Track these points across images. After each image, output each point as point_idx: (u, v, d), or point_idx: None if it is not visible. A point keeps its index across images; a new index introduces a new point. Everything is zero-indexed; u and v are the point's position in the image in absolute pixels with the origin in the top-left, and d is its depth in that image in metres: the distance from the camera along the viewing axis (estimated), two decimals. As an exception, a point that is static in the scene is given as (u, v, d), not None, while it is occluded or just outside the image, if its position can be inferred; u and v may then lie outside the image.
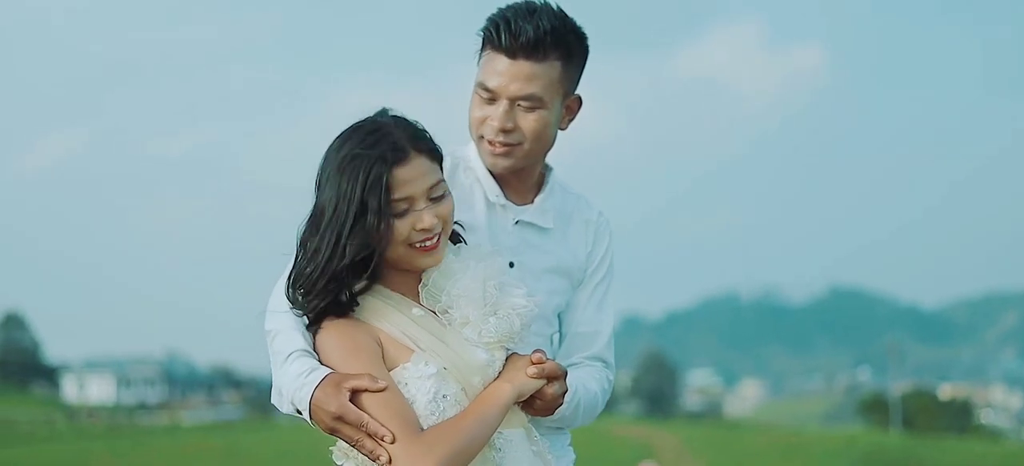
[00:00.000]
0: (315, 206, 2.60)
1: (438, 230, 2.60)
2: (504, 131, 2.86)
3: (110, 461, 37.58)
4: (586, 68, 2.98)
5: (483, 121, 2.88)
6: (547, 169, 3.09)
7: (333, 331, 2.59)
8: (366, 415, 2.47)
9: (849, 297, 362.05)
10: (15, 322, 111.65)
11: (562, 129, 2.98)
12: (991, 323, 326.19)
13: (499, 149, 2.89)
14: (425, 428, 2.51)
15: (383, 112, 2.64)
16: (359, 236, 2.53)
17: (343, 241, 2.53)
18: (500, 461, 2.59)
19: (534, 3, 2.85)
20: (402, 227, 2.56)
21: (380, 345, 2.58)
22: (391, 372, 2.56)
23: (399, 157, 2.55)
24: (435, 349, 2.57)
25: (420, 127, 2.64)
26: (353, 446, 2.51)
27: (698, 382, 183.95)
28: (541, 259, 2.99)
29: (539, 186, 3.06)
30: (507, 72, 2.82)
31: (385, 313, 2.62)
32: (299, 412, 2.57)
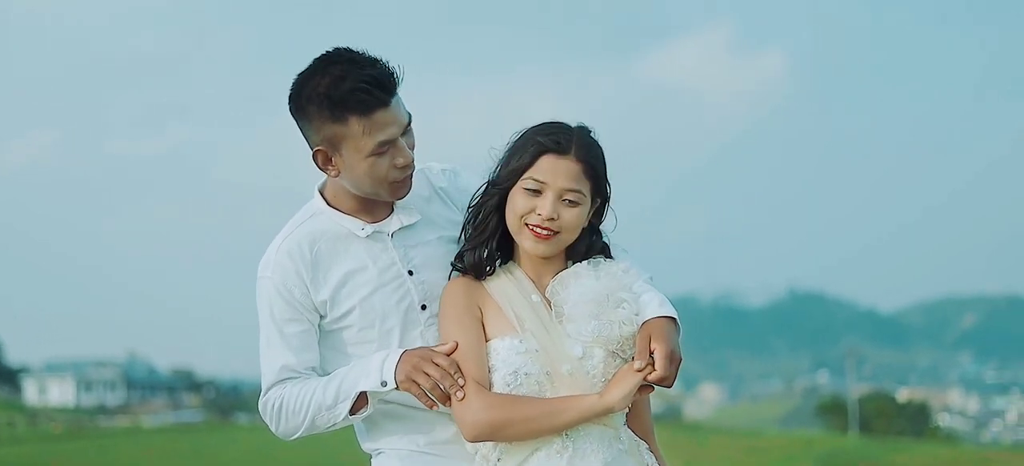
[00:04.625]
0: None
1: (553, 225, 2.85)
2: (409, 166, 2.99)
3: (71, 464, 37.43)
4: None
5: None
6: None
7: (453, 286, 2.95)
8: (455, 362, 2.83)
9: (807, 301, 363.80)
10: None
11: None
12: (948, 327, 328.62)
13: (405, 184, 3.02)
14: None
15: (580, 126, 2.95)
16: (492, 198, 2.92)
17: (483, 203, 2.95)
18: (573, 449, 2.80)
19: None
20: (520, 203, 2.87)
21: (482, 312, 2.90)
22: (488, 342, 2.87)
23: (559, 149, 2.86)
24: (536, 333, 2.84)
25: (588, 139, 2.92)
26: (430, 390, 2.82)
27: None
28: (429, 250, 3.08)
29: None
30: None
31: (507, 288, 2.91)
32: (384, 384, 2.87)
